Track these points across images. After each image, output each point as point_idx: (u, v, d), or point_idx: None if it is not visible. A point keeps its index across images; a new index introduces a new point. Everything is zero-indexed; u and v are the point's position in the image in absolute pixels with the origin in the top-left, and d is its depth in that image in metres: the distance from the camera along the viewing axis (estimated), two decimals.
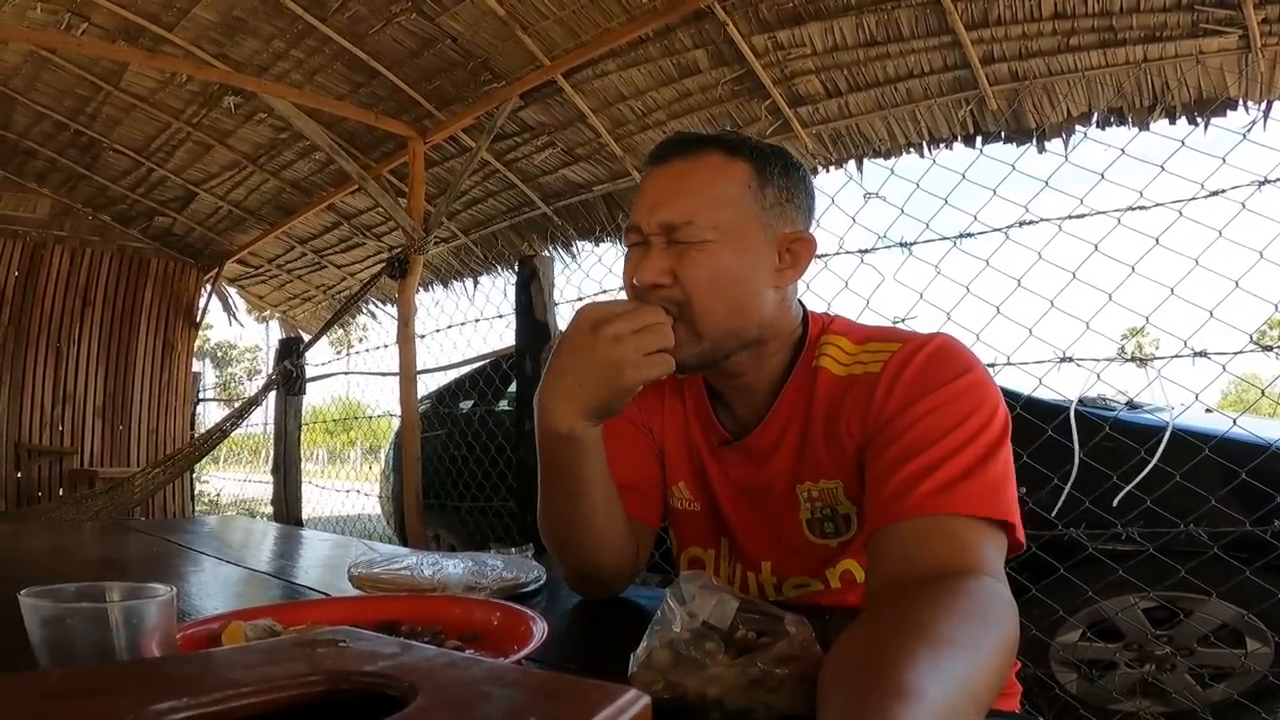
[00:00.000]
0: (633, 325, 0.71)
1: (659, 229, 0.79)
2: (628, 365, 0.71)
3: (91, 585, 0.47)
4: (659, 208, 0.80)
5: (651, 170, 0.84)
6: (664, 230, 0.79)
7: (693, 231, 0.78)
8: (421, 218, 3.43)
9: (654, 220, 0.80)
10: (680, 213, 0.79)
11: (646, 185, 0.84)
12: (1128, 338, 10.39)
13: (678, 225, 0.78)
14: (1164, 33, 2.05)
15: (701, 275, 0.78)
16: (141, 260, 5.50)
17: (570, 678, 0.32)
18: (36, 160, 4.74)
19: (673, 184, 0.81)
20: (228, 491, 8.43)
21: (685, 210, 0.78)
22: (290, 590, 0.98)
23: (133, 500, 3.92)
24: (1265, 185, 1.67)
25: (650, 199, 0.81)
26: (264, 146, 4.16)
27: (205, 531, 1.62)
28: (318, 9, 3.09)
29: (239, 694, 0.29)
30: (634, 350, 0.71)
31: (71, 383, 5.16)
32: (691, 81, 2.88)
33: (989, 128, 2.44)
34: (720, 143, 0.83)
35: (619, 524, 0.84)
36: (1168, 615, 1.87)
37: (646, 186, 0.83)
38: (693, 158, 0.82)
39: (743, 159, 0.82)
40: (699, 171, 0.81)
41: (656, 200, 0.81)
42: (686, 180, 0.80)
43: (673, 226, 0.79)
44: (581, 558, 0.85)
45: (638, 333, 0.72)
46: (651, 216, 0.80)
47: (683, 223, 0.78)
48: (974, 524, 0.64)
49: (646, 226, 0.80)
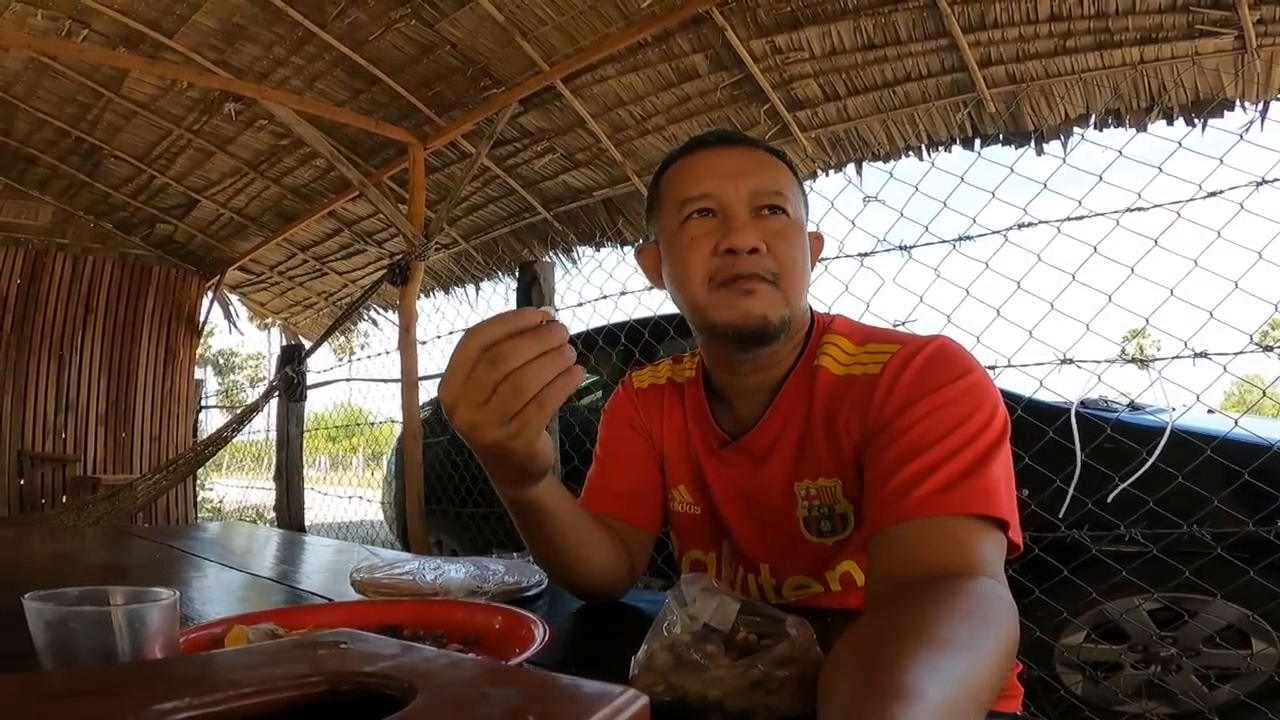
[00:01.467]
0: (540, 346, 0.59)
1: (748, 195, 0.80)
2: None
3: (95, 589, 0.47)
4: (745, 176, 0.81)
5: (709, 151, 0.85)
6: (753, 197, 0.81)
7: (783, 200, 0.81)
8: (422, 224, 3.44)
9: (744, 186, 0.81)
10: (772, 183, 0.82)
11: (711, 161, 0.84)
12: (1129, 339, 10.38)
13: (769, 193, 0.81)
14: (1160, 34, 2.06)
15: (791, 248, 0.80)
16: (143, 268, 5.51)
17: (568, 678, 0.32)
18: (38, 167, 4.76)
19: (752, 161, 0.83)
20: (230, 498, 8.44)
21: (775, 182, 0.82)
22: (292, 595, 0.99)
23: (135, 506, 3.93)
24: (1263, 185, 1.67)
25: (728, 169, 0.82)
26: (265, 153, 4.18)
27: (207, 537, 1.62)
28: (317, 15, 3.11)
29: (241, 694, 0.30)
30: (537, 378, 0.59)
31: (74, 390, 5.17)
32: (690, 86, 2.89)
33: (987, 130, 2.45)
34: (760, 143, 0.88)
35: (601, 543, 0.84)
36: (1172, 616, 1.86)
37: (712, 161, 0.83)
38: (750, 149, 0.85)
39: (783, 161, 0.87)
40: (766, 158, 0.85)
41: (740, 170, 0.82)
42: (763, 161, 0.84)
43: (766, 193, 0.81)
44: (570, 579, 0.86)
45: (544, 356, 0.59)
46: (740, 182, 0.81)
47: (776, 190, 0.81)
48: (973, 525, 0.64)
49: (729, 193, 0.80)
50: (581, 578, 0.85)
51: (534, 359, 0.57)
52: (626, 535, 0.91)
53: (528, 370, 0.57)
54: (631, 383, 1.00)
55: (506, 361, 0.57)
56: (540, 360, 0.58)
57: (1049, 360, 1.93)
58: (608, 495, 0.94)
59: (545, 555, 0.82)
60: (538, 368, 0.58)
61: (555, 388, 0.59)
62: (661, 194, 0.87)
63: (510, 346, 0.57)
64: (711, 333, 0.83)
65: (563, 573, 0.85)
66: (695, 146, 0.87)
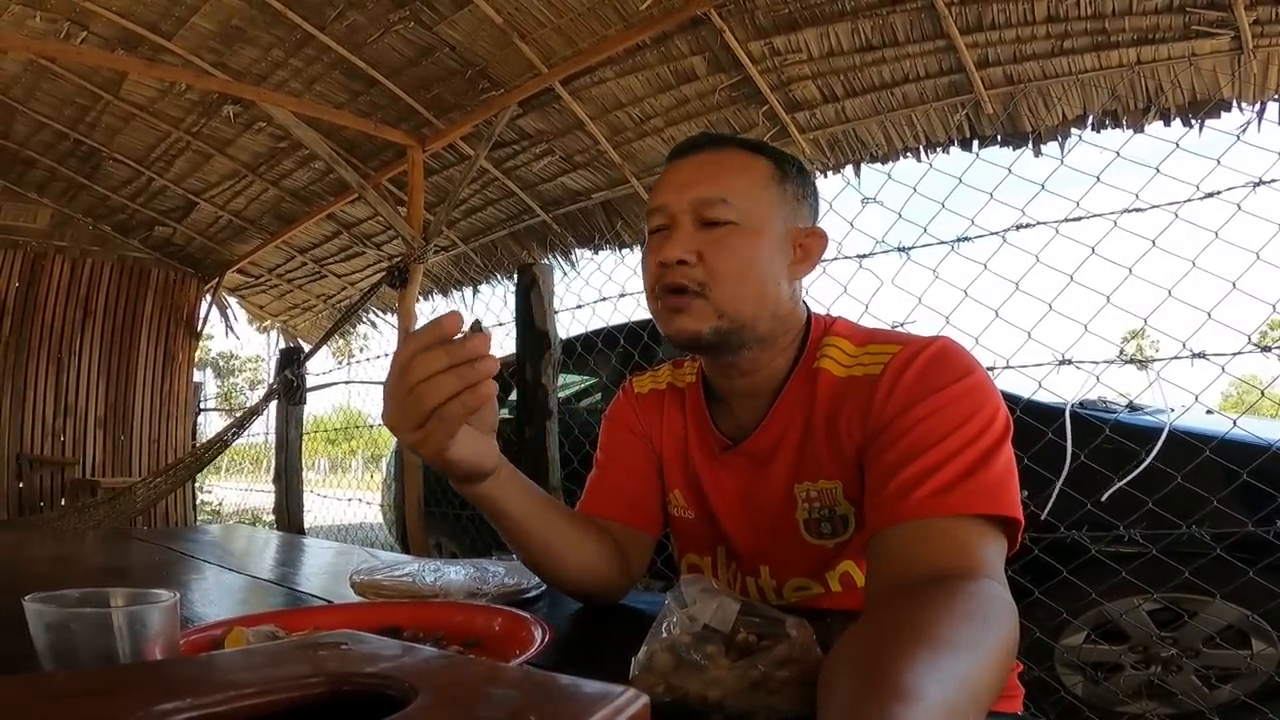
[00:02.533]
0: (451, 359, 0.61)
1: (689, 206, 0.81)
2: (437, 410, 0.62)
3: (95, 591, 0.47)
4: (691, 187, 0.82)
5: (675, 162, 0.86)
6: (695, 208, 0.81)
7: (725, 210, 0.80)
8: (421, 226, 3.44)
9: (686, 197, 0.81)
10: (714, 190, 0.81)
11: (671, 173, 0.85)
12: (1128, 340, 10.41)
13: (712, 201, 0.80)
14: (1156, 35, 2.06)
15: (728, 257, 0.80)
16: (142, 270, 5.51)
17: (569, 678, 0.32)
18: (36, 170, 4.76)
19: (703, 169, 0.83)
20: (230, 501, 8.43)
21: (719, 188, 0.81)
22: (293, 597, 0.99)
23: (134, 509, 3.92)
24: (1260, 186, 1.68)
25: (679, 181, 0.83)
26: (263, 155, 4.18)
27: (207, 540, 1.62)
28: (316, 18, 3.11)
29: (242, 694, 0.30)
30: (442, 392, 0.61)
31: (73, 393, 5.17)
32: (689, 88, 2.89)
33: (985, 131, 2.46)
34: (741, 142, 0.87)
35: (580, 542, 0.84)
36: (1172, 617, 1.86)
37: (671, 173, 0.85)
38: (718, 151, 0.85)
39: (763, 156, 0.86)
40: (727, 161, 0.84)
41: (687, 181, 0.83)
42: (716, 167, 0.83)
43: (706, 203, 0.81)
44: (548, 577, 0.86)
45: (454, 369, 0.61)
46: (683, 194, 0.82)
47: (717, 199, 0.81)
48: (974, 526, 0.64)
49: (676, 205, 0.82)
50: (559, 576, 0.85)
51: (437, 374, 0.60)
52: (625, 537, 0.91)
53: (429, 384, 0.60)
54: (632, 388, 1.01)
55: (411, 374, 0.61)
56: (443, 376, 0.60)
57: (1048, 361, 1.94)
58: (606, 498, 0.94)
59: (518, 554, 0.83)
60: (438, 383, 0.61)
61: (455, 404, 0.61)
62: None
63: (419, 360, 0.61)
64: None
65: (540, 572, 0.85)
66: (671, 155, 0.88)
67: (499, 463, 0.74)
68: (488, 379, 0.61)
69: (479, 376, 0.61)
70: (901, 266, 2.17)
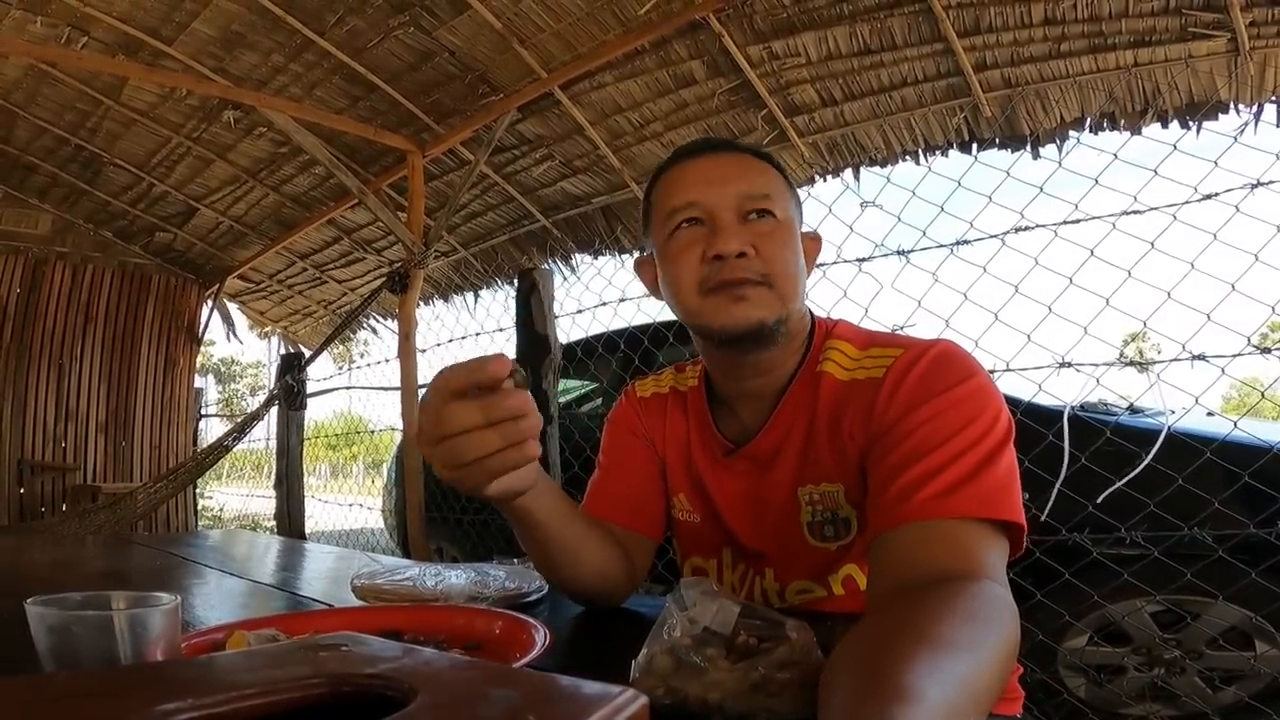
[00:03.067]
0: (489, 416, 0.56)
1: (734, 200, 0.81)
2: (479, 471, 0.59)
3: (97, 594, 0.47)
4: (731, 182, 0.81)
5: (695, 160, 0.85)
6: (740, 202, 0.81)
7: (770, 203, 0.81)
8: (421, 232, 3.45)
9: (730, 191, 0.81)
10: (758, 185, 0.82)
11: (697, 169, 0.84)
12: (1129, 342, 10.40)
13: (757, 196, 0.81)
14: (1153, 37, 2.07)
15: (781, 250, 0.80)
16: (143, 276, 5.52)
17: (568, 679, 0.32)
18: (38, 176, 4.77)
19: (739, 166, 0.83)
20: (230, 507, 8.42)
21: (764, 185, 0.82)
22: (294, 601, 0.99)
23: (135, 515, 3.92)
24: (1258, 188, 1.68)
25: (714, 176, 0.82)
26: (264, 161, 4.19)
27: (208, 545, 1.62)
28: (316, 23, 3.12)
29: (243, 695, 0.30)
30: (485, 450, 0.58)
31: (74, 399, 5.17)
32: (688, 92, 2.90)
33: (983, 134, 2.46)
34: (750, 149, 0.88)
35: (595, 548, 0.84)
36: (1175, 619, 1.86)
37: (698, 169, 0.84)
38: (739, 154, 0.86)
39: (771, 164, 0.87)
40: (753, 162, 0.85)
41: (726, 176, 0.82)
42: (750, 166, 0.84)
43: (752, 197, 0.81)
44: (563, 583, 0.86)
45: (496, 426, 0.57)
46: (726, 188, 0.81)
47: (762, 194, 0.81)
48: (975, 528, 0.64)
49: (715, 200, 0.81)
50: (575, 581, 0.85)
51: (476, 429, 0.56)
52: (627, 541, 0.91)
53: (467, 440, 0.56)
54: (634, 392, 1.01)
55: (447, 425, 0.56)
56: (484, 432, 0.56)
57: (1047, 364, 1.94)
58: (609, 501, 0.94)
59: (536, 558, 0.83)
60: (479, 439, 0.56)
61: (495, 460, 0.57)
62: (653, 206, 0.88)
63: (453, 412, 0.56)
64: (710, 339, 0.83)
65: (555, 575, 0.85)
66: (681, 156, 0.87)
67: (536, 477, 0.70)
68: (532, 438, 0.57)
69: (523, 436, 0.56)
70: (901, 270, 2.18)
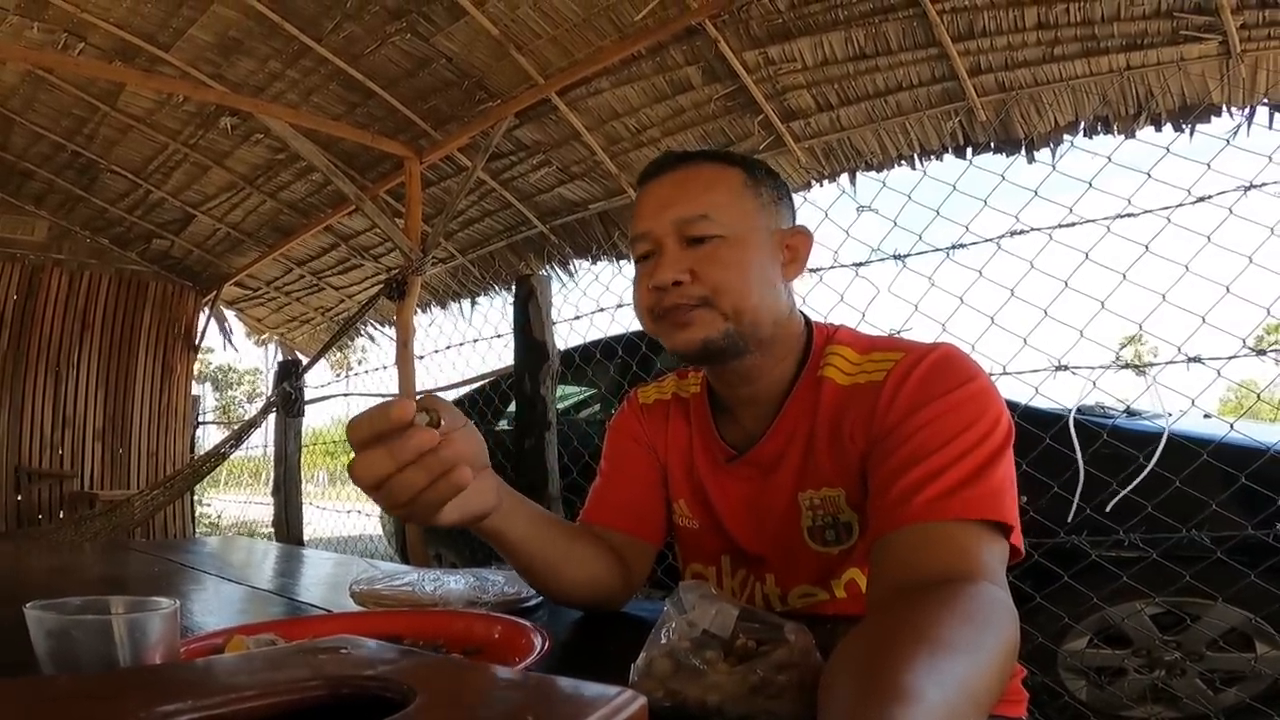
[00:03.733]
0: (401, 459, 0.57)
1: (672, 227, 0.81)
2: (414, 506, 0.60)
3: (96, 599, 0.47)
4: (670, 208, 0.82)
5: (648, 185, 0.87)
6: (677, 228, 0.81)
7: (707, 225, 0.81)
8: (419, 238, 3.45)
9: (667, 218, 0.82)
10: (694, 208, 0.81)
11: (647, 197, 0.86)
12: (1126, 345, 10.44)
13: (693, 219, 0.81)
14: (1145, 40, 2.08)
15: (722, 269, 0.80)
16: (140, 283, 5.52)
17: (566, 680, 0.32)
18: (34, 182, 4.77)
19: (678, 187, 0.84)
20: (228, 514, 8.40)
21: (698, 205, 0.81)
22: (292, 607, 0.98)
23: (133, 521, 3.91)
24: (1251, 190, 1.69)
25: (656, 204, 0.84)
26: (261, 168, 4.19)
27: (206, 551, 1.62)
28: (313, 29, 3.13)
29: (242, 697, 0.30)
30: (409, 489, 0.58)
31: (71, 406, 5.16)
32: (685, 98, 2.91)
33: (978, 138, 2.47)
34: (708, 155, 0.87)
35: (583, 560, 0.84)
36: (1175, 620, 1.86)
37: (647, 197, 0.86)
38: (688, 168, 0.85)
39: (733, 165, 0.86)
40: (699, 176, 0.84)
41: (664, 203, 0.83)
42: (690, 183, 0.84)
43: (688, 221, 0.81)
44: (557, 600, 0.87)
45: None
46: (663, 216, 0.82)
47: (698, 216, 0.81)
48: (975, 530, 0.65)
49: (659, 228, 0.82)
50: (561, 593, 0.85)
51: (396, 472, 0.57)
52: (626, 546, 0.91)
53: (395, 482, 0.57)
54: (637, 398, 1.01)
55: (365, 474, 0.57)
56: (406, 474, 0.57)
57: (1044, 367, 1.94)
58: (608, 507, 0.94)
59: (519, 572, 0.83)
60: (402, 480, 0.57)
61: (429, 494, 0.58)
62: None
63: (364, 459, 0.57)
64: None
65: (540, 589, 0.86)
66: (643, 178, 0.89)
67: (498, 499, 0.71)
68: (459, 465, 0.58)
69: (444, 467, 0.57)
70: (897, 274, 2.18)
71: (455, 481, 0.58)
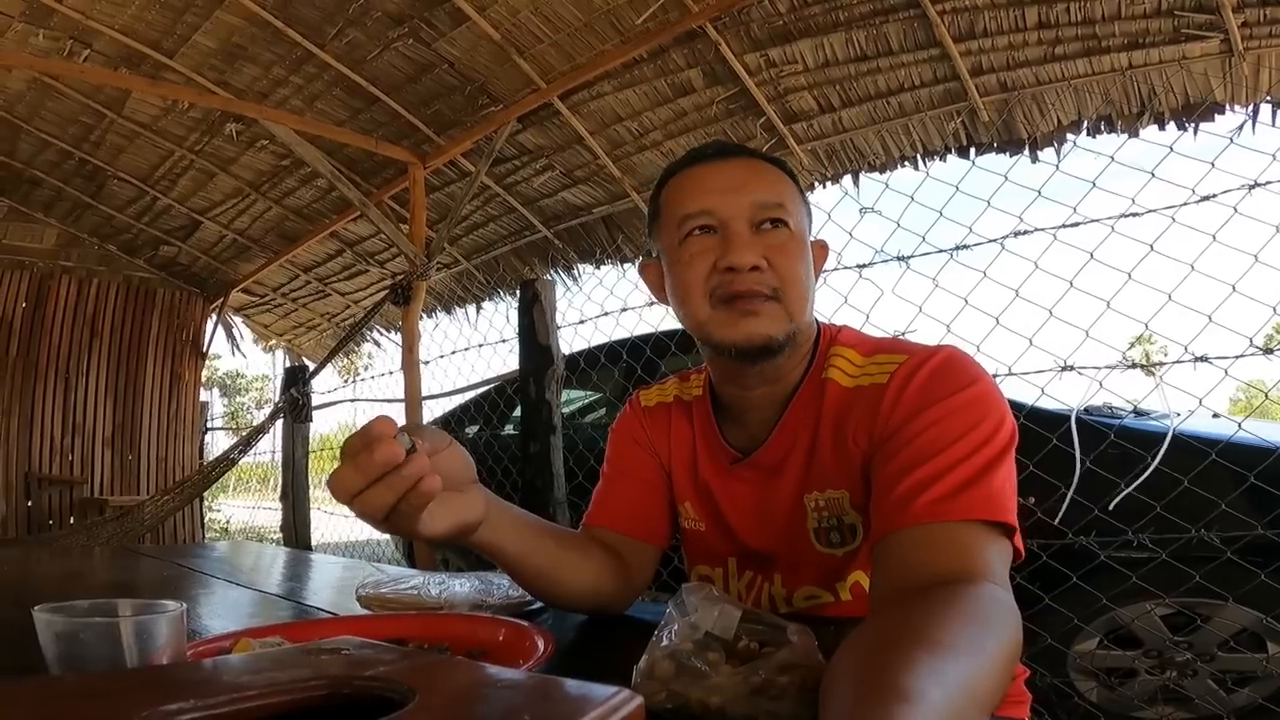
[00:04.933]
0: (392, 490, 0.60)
1: (747, 209, 0.79)
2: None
3: (104, 602, 0.48)
4: (744, 190, 0.80)
5: (707, 165, 0.84)
6: (754, 211, 0.79)
7: (784, 213, 0.80)
8: (423, 243, 3.46)
9: (744, 200, 0.79)
10: (772, 194, 0.80)
11: (709, 175, 0.83)
12: (1133, 345, 10.40)
13: (771, 205, 0.79)
14: (1147, 39, 2.08)
15: (792, 263, 0.79)
16: (148, 290, 5.55)
17: (565, 680, 0.32)
18: (42, 189, 4.80)
19: (751, 173, 0.82)
20: (237, 519, 8.44)
21: (777, 193, 0.80)
22: (299, 611, 0.99)
23: (142, 527, 3.93)
24: (1255, 188, 1.68)
25: (726, 183, 0.81)
26: (266, 174, 4.21)
27: (215, 556, 1.63)
28: (316, 36, 3.15)
29: (245, 696, 0.30)
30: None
31: (80, 413, 5.19)
32: (687, 101, 2.91)
33: (981, 139, 2.47)
34: (758, 154, 0.87)
35: (577, 566, 0.84)
36: (1186, 621, 1.85)
37: (710, 176, 0.82)
38: (753, 160, 0.84)
39: (782, 170, 0.86)
40: (767, 169, 0.83)
41: (738, 184, 0.80)
42: (764, 173, 0.82)
43: (766, 206, 0.79)
44: (556, 605, 0.87)
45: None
46: (740, 197, 0.79)
47: (775, 203, 0.80)
48: (977, 531, 0.65)
49: (729, 208, 0.79)
50: (558, 600, 0.85)
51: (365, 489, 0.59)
52: (630, 549, 0.91)
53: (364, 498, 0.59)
54: (639, 401, 1.01)
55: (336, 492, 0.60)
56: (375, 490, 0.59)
57: (1050, 368, 1.93)
58: (611, 510, 0.94)
59: (515, 580, 0.83)
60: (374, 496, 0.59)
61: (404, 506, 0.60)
62: (662, 209, 0.86)
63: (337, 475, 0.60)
64: (716, 350, 0.83)
65: (537, 596, 0.86)
66: (694, 160, 0.86)
67: (484, 512, 0.72)
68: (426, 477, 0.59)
69: (406, 484, 0.59)
70: (901, 276, 2.18)
71: (423, 491, 0.60)
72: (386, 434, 0.59)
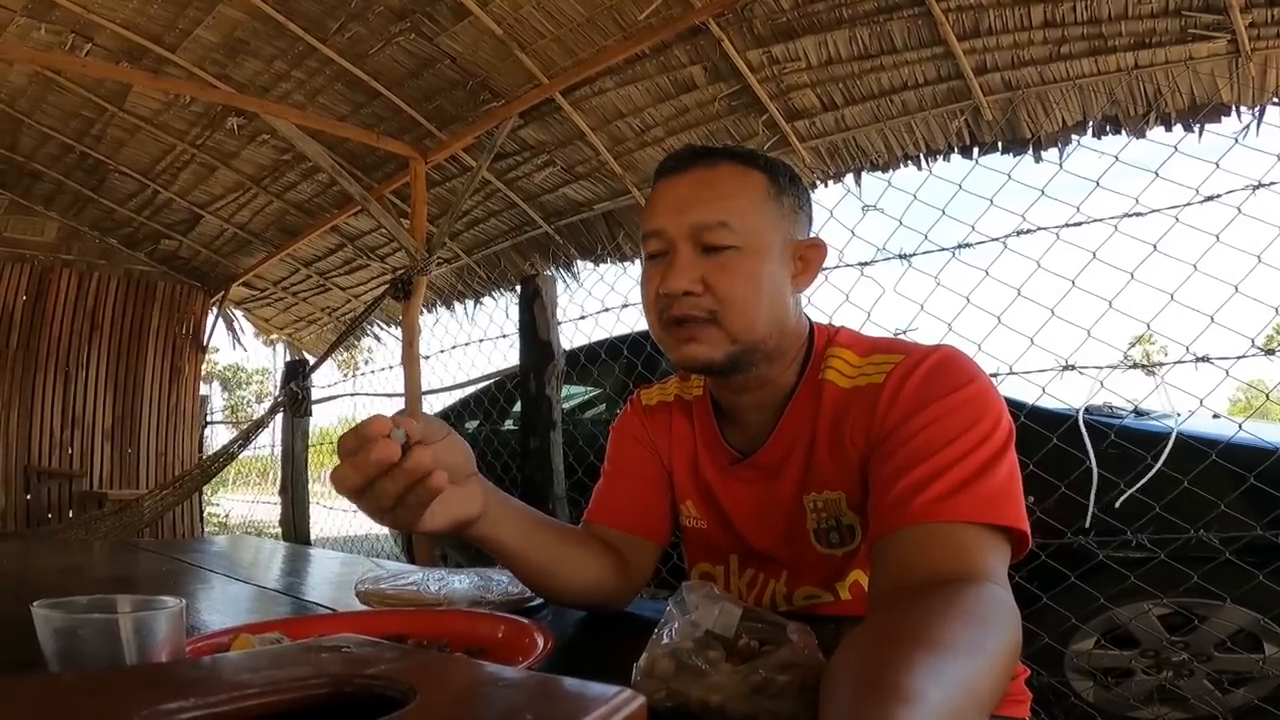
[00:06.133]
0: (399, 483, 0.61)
1: (689, 232, 0.79)
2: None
3: (103, 598, 0.48)
4: (689, 210, 0.79)
5: (667, 180, 0.84)
6: (694, 233, 0.79)
7: (725, 234, 0.78)
8: (424, 238, 3.45)
9: (684, 222, 0.79)
10: (714, 214, 0.79)
11: (665, 192, 0.83)
12: (1134, 345, 10.39)
13: (711, 226, 0.78)
14: (1153, 39, 2.07)
15: (734, 282, 0.78)
16: (148, 284, 5.55)
17: (566, 679, 0.32)
18: (43, 183, 4.80)
19: (699, 189, 0.81)
20: (237, 513, 8.45)
21: (718, 212, 0.79)
22: (299, 606, 0.99)
23: (142, 521, 3.93)
24: (1260, 189, 1.68)
25: (675, 203, 0.81)
26: (267, 168, 4.21)
27: (214, 551, 1.63)
28: (318, 30, 3.14)
29: (245, 695, 0.30)
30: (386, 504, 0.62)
31: (80, 406, 5.20)
32: (689, 98, 2.91)
33: (984, 138, 2.46)
34: (733, 154, 0.84)
35: (578, 561, 0.84)
36: (1183, 621, 1.86)
37: (665, 193, 0.83)
38: (712, 167, 0.82)
39: (757, 169, 0.83)
40: (722, 179, 0.81)
41: (684, 204, 0.80)
42: (712, 186, 0.80)
43: (705, 227, 0.78)
44: (556, 601, 0.87)
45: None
46: (681, 218, 0.79)
47: (716, 224, 0.78)
48: (975, 531, 0.65)
49: (673, 230, 0.79)
50: (558, 595, 0.86)
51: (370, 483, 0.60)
52: (630, 546, 0.92)
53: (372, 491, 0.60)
54: (640, 400, 1.01)
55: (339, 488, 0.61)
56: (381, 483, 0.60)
57: (1051, 367, 1.93)
58: (612, 507, 0.95)
59: (515, 575, 0.83)
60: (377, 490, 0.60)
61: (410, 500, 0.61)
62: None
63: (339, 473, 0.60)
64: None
65: (537, 591, 0.86)
66: (663, 170, 0.85)
67: (484, 505, 0.72)
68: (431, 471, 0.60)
69: (411, 479, 0.59)
70: (903, 274, 2.18)
71: (430, 486, 0.60)
72: (380, 433, 0.59)
